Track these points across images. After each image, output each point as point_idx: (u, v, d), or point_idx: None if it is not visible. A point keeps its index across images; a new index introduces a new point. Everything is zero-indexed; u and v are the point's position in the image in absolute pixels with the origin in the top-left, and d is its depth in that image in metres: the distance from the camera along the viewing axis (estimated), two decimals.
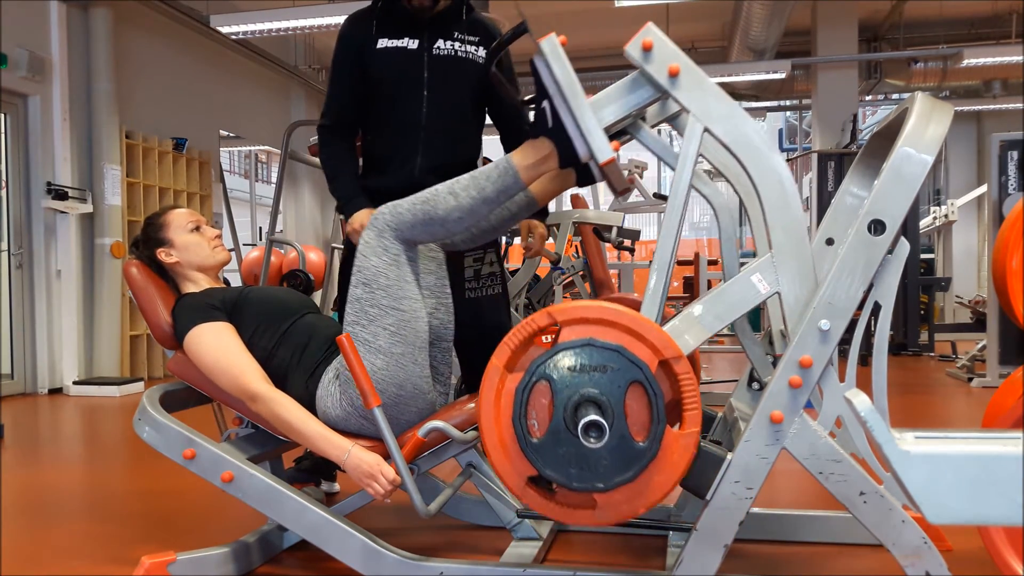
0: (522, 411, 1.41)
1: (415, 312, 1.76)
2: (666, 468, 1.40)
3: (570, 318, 1.43)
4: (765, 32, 8.01)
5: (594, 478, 1.39)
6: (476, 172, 1.75)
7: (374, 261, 1.74)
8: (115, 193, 5.95)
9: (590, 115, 1.51)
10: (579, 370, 1.39)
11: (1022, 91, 9.41)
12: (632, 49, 1.50)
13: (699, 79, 1.51)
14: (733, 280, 1.53)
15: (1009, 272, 2.01)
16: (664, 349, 1.41)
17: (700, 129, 1.51)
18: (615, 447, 1.38)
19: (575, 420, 1.37)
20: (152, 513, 2.48)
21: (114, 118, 5.96)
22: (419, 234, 1.75)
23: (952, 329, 7.57)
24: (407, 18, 2.20)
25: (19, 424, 4.32)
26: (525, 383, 1.41)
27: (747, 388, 2.00)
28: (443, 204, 1.72)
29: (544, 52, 1.52)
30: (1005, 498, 1.11)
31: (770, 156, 1.50)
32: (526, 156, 1.70)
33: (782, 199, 1.50)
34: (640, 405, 1.40)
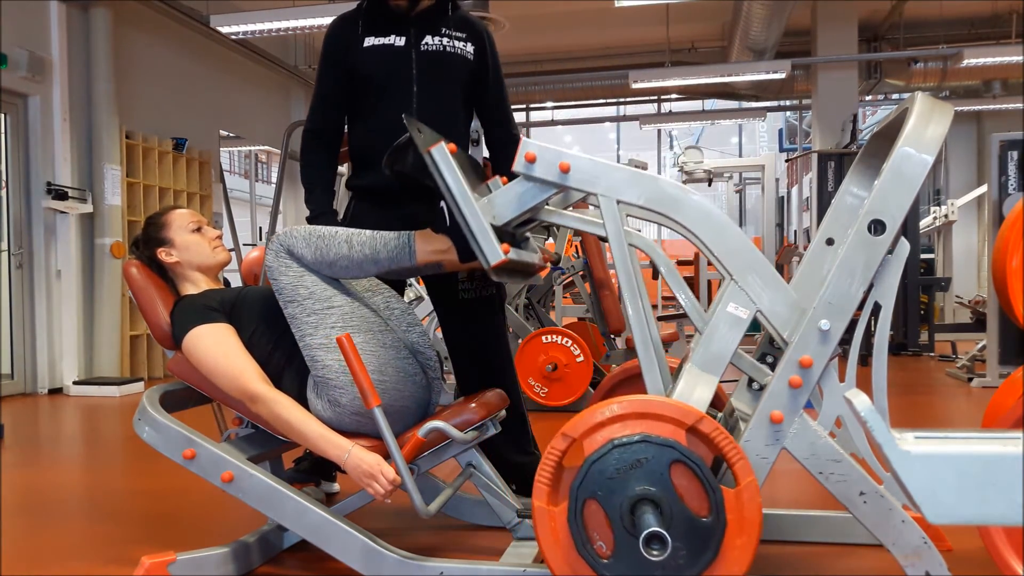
0: (583, 538, 1.38)
1: (352, 303, 1.80)
2: (743, 529, 1.37)
3: (585, 429, 1.42)
4: (765, 32, 8.01)
5: (681, 571, 1.36)
6: (379, 233, 1.81)
7: (284, 280, 1.78)
8: (115, 193, 5.95)
9: (479, 220, 1.56)
10: (618, 474, 1.37)
11: (1022, 91, 9.40)
12: (518, 167, 1.57)
13: (591, 164, 1.57)
14: (713, 321, 1.55)
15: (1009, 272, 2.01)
16: (684, 418, 1.39)
17: (614, 203, 1.57)
18: (686, 532, 1.35)
19: (635, 524, 1.34)
20: (152, 513, 2.48)
21: (114, 118, 5.96)
22: (307, 263, 1.80)
23: (952, 329, 7.57)
24: (393, 16, 2.21)
25: (19, 424, 4.32)
26: (573, 511, 1.38)
27: (747, 388, 2.00)
28: (335, 249, 1.78)
29: (435, 161, 1.58)
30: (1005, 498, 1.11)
31: (686, 198, 1.55)
32: (427, 243, 1.80)
33: (715, 229, 1.54)
34: (689, 481, 1.37)
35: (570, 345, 3.99)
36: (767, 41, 8.27)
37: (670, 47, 9.11)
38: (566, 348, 4.00)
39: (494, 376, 2.27)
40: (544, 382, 4.02)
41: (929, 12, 8.89)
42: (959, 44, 8.74)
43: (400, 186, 2.22)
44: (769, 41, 8.28)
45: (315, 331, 1.75)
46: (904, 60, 9.10)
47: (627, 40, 9.80)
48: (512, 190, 1.62)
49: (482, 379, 2.24)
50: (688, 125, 15.05)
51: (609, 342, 4.76)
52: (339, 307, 1.77)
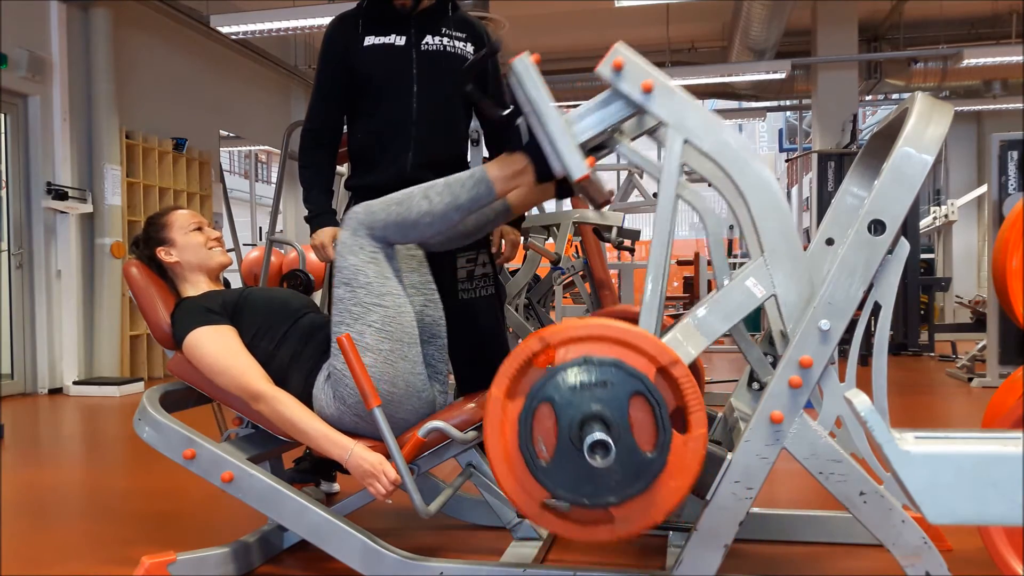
0: (528, 437, 1.40)
1: (399, 307, 1.76)
2: (679, 473, 1.40)
3: (563, 338, 1.43)
4: (765, 32, 8.01)
5: (607, 493, 1.38)
6: (451, 178, 1.76)
7: (352, 260, 1.75)
8: (115, 193, 5.95)
9: (563, 133, 1.52)
10: (579, 388, 1.39)
11: (1022, 91, 9.40)
12: (603, 69, 1.51)
13: (674, 93, 1.51)
14: (729, 287, 1.53)
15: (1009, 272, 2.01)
16: (660, 356, 1.40)
17: (680, 141, 1.52)
18: (624, 460, 1.37)
19: (581, 439, 1.36)
20: (152, 513, 2.48)
21: (114, 118, 5.96)
22: (391, 234, 1.76)
23: (952, 329, 7.57)
24: (393, 16, 2.21)
25: (19, 424, 4.32)
26: (527, 408, 1.40)
27: (747, 388, 2.00)
28: (416, 208, 1.73)
29: (516, 72, 1.53)
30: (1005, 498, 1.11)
31: (753, 162, 1.50)
32: (502, 169, 1.73)
33: (770, 203, 1.50)
34: (644, 416, 1.39)
35: None
36: (767, 41, 8.27)
37: (670, 47, 9.11)
38: None
39: (494, 376, 2.27)
40: None
41: (929, 12, 8.89)
42: (959, 44, 8.74)
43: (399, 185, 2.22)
44: (769, 41, 8.28)
45: (354, 322, 1.74)
46: (904, 60, 9.10)
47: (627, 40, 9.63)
48: (593, 105, 1.56)
49: (482, 379, 2.24)
50: None
51: None
52: (386, 308, 1.74)
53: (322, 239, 2.21)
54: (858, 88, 9.03)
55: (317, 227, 2.24)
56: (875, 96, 11.19)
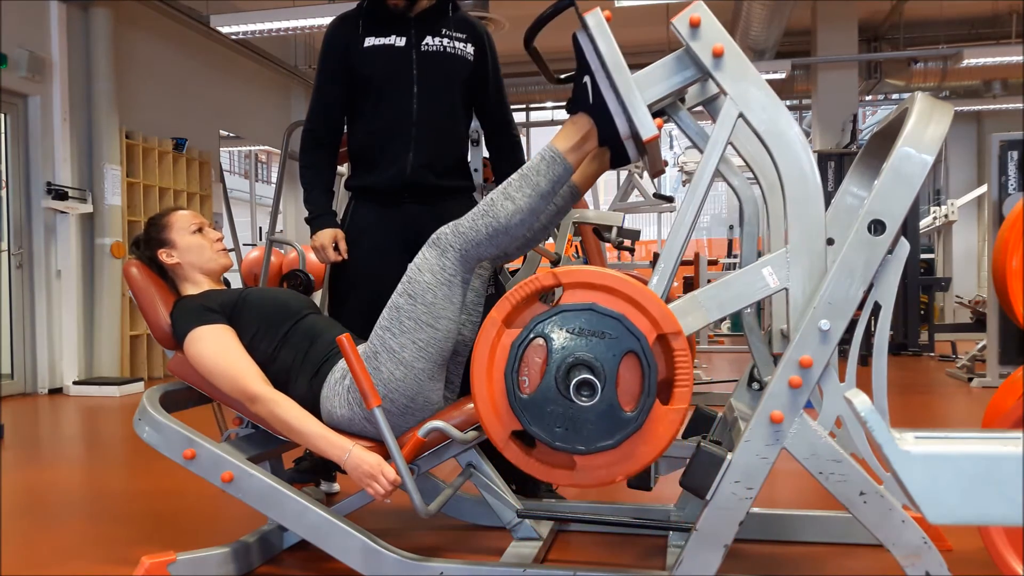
0: (515, 366, 1.42)
1: (448, 333, 1.75)
2: (650, 440, 1.42)
3: (575, 281, 1.45)
4: (765, 32, 8.01)
5: (577, 440, 1.41)
6: (523, 170, 1.72)
7: (427, 277, 1.72)
8: (115, 193, 5.95)
9: (635, 92, 1.49)
10: (577, 333, 1.41)
11: (1022, 91, 9.40)
12: (679, 24, 1.48)
13: (742, 63, 1.49)
14: (744, 270, 1.53)
15: (1009, 272, 2.01)
16: (664, 323, 1.42)
17: (735, 114, 1.49)
18: (602, 413, 1.40)
19: (566, 381, 1.39)
20: (152, 513, 2.48)
21: (114, 118, 5.96)
22: (485, 249, 1.72)
23: (952, 329, 7.57)
24: (393, 16, 2.21)
25: (19, 424, 4.32)
26: (522, 339, 1.42)
27: (747, 388, 2.00)
28: (503, 211, 1.68)
29: (589, 27, 1.49)
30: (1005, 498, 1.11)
31: (800, 152, 1.49)
32: (568, 137, 1.69)
33: (805, 196, 1.49)
34: (633, 376, 1.41)
35: None
36: (767, 41, 8.26)
37: (670, 47, 9.10)
38: None
39: None
40: None
41: (929, 12, 8.89)
42: (959, 44, 8.74)
43: (400, 186, 2.22)
44: (769, 41, 8.28)
45: (400, 334, 1.73)
46: (904, 60, 9.10)
47: (627, 40, 9.74)
48: (662, 66, 1.54)
49: None
50: None
51: None
52: (436, 331, 1.73)
53: (322, 240, 2.22)
54: (858, 88, 9.03)
55: (318, 228, 2.24)
56: (875, 96, 11.19)
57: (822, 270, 1.49)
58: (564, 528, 2.15)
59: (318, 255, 2.24)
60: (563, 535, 2.13)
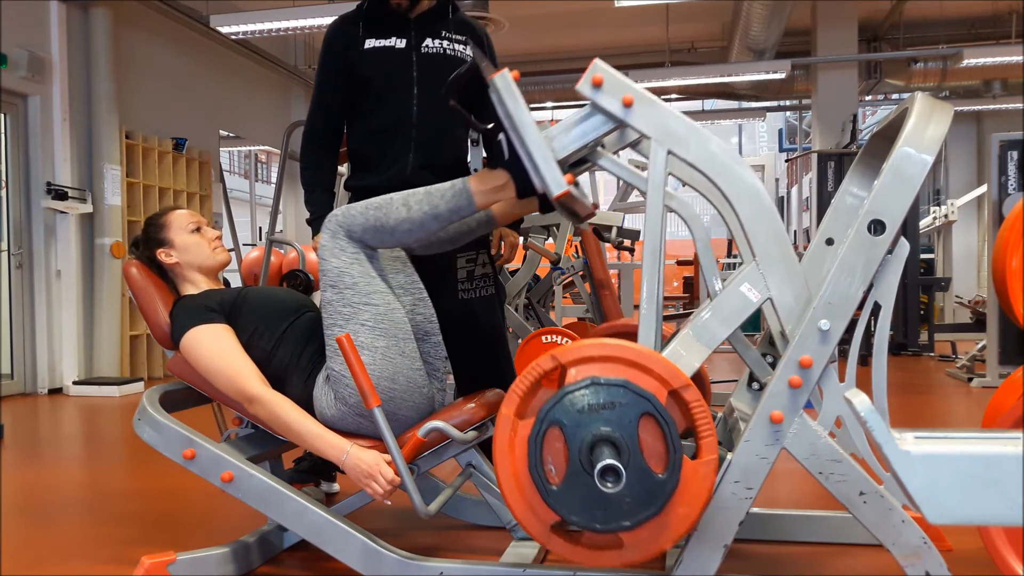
0: (537, 459, 1.38)
1: (389, 304, 1.77)
2: (688, 499, 1.38)
3: (573, 358, 1.42)
4: (765, 32, 8.01)
5: (619, 517, 1.36)
6: (433, 188, 1.78)
7: (335, 263, 1.76)
8: (115, 193, 5.95)
9: (543, 149, 1.53)
10: (588, 410, 1.37)
11: (1022, 91, 9.40)
12: (583, 87, 1.52)
13: (655, 105, 1.52)
14: (724, 293, 1.54)
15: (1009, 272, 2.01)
16: (671, 379, 1.39)
17: (664, 152, 1.52)
18: (636, 483, 1.35)
19: (591, 462, 1.35)
20: (152, 513, 2.48)
21: (114, 118, 5.96)
22: (369, 239, 1.77)
23: (952, 329, 7.57)
24: (394, 18, 2.22)
25: (19, 424, 4.32)
26: (536, 431, 1.38)
27: (747, 388, 2.00)
28: (395, 214, 1.75)
29: (497, 88, 1.54)
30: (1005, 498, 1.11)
31: (738, 169, 1.51)
32: (483, 183, 1.75)
33: (758, 208, 1.51)
34: (654, 437, 1.37)
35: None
36: (767, 41, 8.26)
37: (670, 47, 9.11)
38: None
39: (494, 376, 2.27)
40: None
41: (929, 12, 8.89)
42: (959, 44, 8.74)
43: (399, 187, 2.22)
44: (769, 41, 8.28)
45: (346, 323, 1.75)
46: (904, 60, 9.10)
47: (627, 40, 9.80)
48: (573, 121, 1.57)
49: (482, 379, 2.24)
50: None
51: None
52: (375, 306, 1.76)
53: None
54: (858, 88, 9.03)
55: (319, 229, 2.24)
56: (875, 96, 11.18)
57: (798, 271, 1.50)
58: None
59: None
60: None
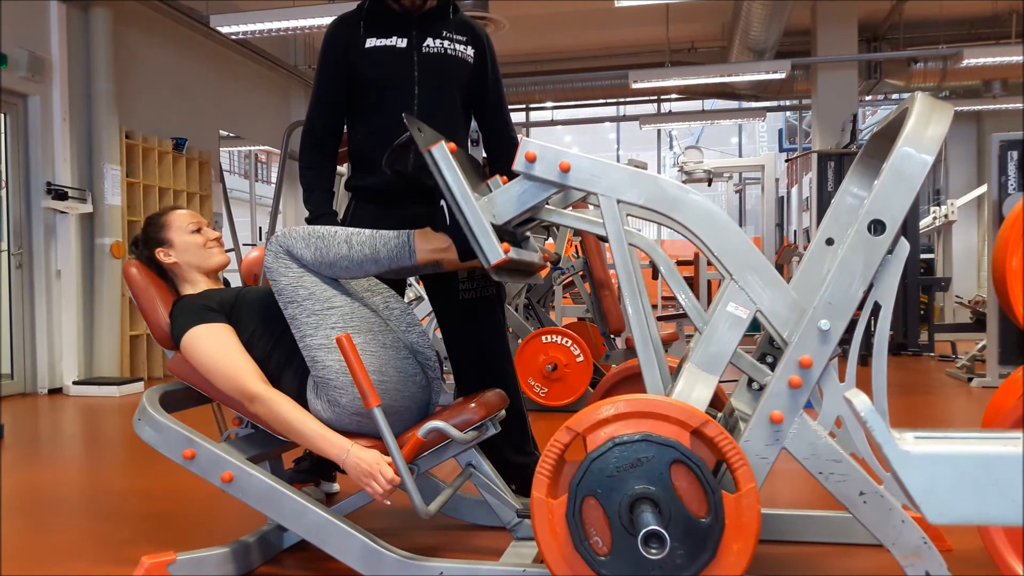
0: (580, 534, 1.38)
1: (351, 303, 1.80)
2: (741, 535, 1.38)
3: (590, 425, 1.42)
4: (765, 32, 8.01)
5: (678, 571, 1.36)
6: (379, 233, 1.80)
7: (284, 281, 1.78)
8: (115, 193, 5.95)
9: (479, 220, 1.55)
10: (618, 472, 1.37)
11: (1022, 91, 9.40)
12: (518, 166, 1.57)
13: (591, 163, 1.57)
14: (714, 319, 1.55)
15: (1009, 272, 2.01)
16: (690, 420, 1.39)
17: (614, 202, 1.57)
18: (682, 533, 1.35)
19: (633, 522, 1.34)
20: (152, 513, 2.48)
21: (114, 118, 5.96)
22: (307, 263, 1.79)
23: (952, 329, 7.57)
24: (395, 18, 2.22)
25: (19, 424, 4.32)
26: (572, 506, 1.38)
27: (747, 388, 2.00)
28: (335, 249, 1.77)
29: (435, 160, 1.57)
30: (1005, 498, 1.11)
31: (686, 197, 1.55)
32: (427, 242, 1.79)
33: (716, 228, 1.54)
34: (689, 482, 1.37)
35: (570, 345, 3.99)
36: (767, 41, 8.27)
37: (670, 47, 9.11)
38: (566, 348, 4.00)
39: (494, 376, 2.27)
40: (544, 382, 4.02)
41: (929, 12, 8.89)
42: (959, 44, 8.74)
43: (400, 186, 2.22)
44: (769, 41, 8.28)
45: (315, 332, 1.75)
46: (904, 60, 9.10)
47: (627, 40, 9.80)
48: (512, 190, 1.62)
49: (482, 379, 2.24)
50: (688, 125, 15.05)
51: (609, 342, 4.76)
52: (339, 307, 1.77)
53: None
54: (858, 88, 9.03)
55: None
56: (875, 96, 11.18)
57: (772, 273, 1.53)
58: None
59: None
60: None
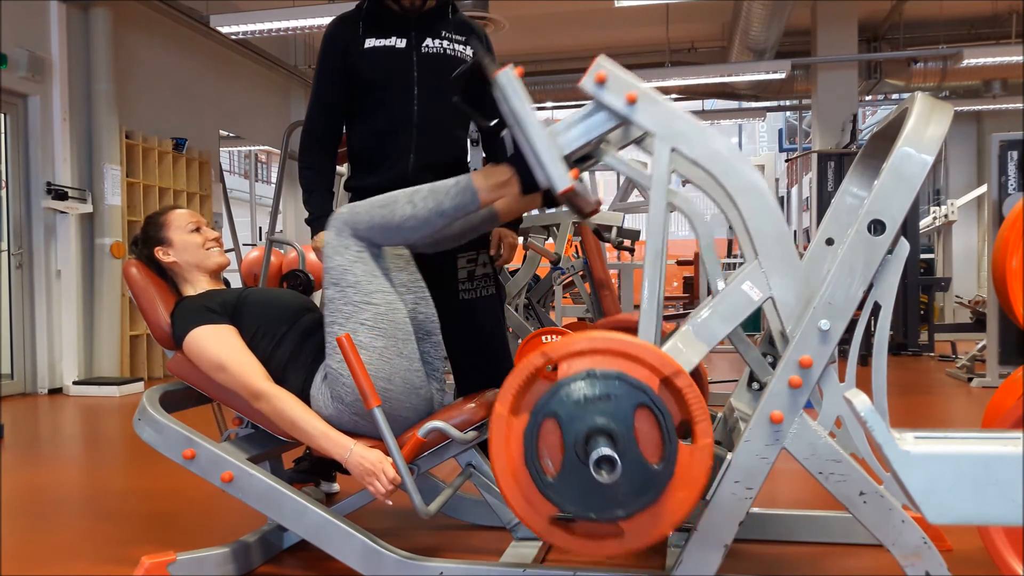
0: (533, 452, 1.39)
1: (390, 304, 1.77)
2: (686, 484, 1.39)
3: (566, 353, 1.42)
4: (765, 32, 8.01)
5: (615, 507, 1.37)
6: (437, 184, 1.77)
7: (338, 260, 1.77)
8: (115, 193, 5.95)
9: (547, 145, 1.53)
10: (583, 402, 1.38)
11: (1022, 91, 9.40)
12: (587, 83, 1.52)
13: (659, 103, 1.52)
14: (725, 291, 1.53)
15: (1009, 272, 2.01)
16: (662, 367, 1.40)
17: (668, 149, 1.52)
18: (631, 473, 1.36)
19: (587, 453, 1.36)
20: (152, 513, 2.48)
21: (114, 118, 5.96)
22: (375, 236, 1.77)
23: (952, 329, 7.57)
24: (394, 18, 2.21)
25: (19, 424, 4.32)
26: (532, 424, 1.39)
27: (747, 388, 2.00)
28: (399, 212, 1.74)
29: (501, 85, 1.54)
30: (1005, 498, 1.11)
31: (742, 167, 1.51)
32: (487, 179, 1.75)
33: (761, 206, 1.51)
34: (650, 427, 1.38)
35: None
36: (767, 41, 8.27)
37: (670, 47, 9.11)
38: None
39: (494, 376, 2.27)
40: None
41: (929, 12, 8.89)
42: (959, 44, 8.74)
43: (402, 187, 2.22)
44: (769, 41, 8.28)
45: (346, 322, 1.75)
46: (904, 60, 9.10)
47: (627, 40, 9.80)
48: (578, 117, 1.56)
49: (482, 379, 2.24)
50: None
51: None
52: (376, 305, 1.76)
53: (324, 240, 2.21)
54: (858, 88, 9.03)
55: (318, 229, 2.24)
56: (875, 96, 11.19)
57: (800, 270, 1.50)
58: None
59: (319, 255, 2.23)
60: None
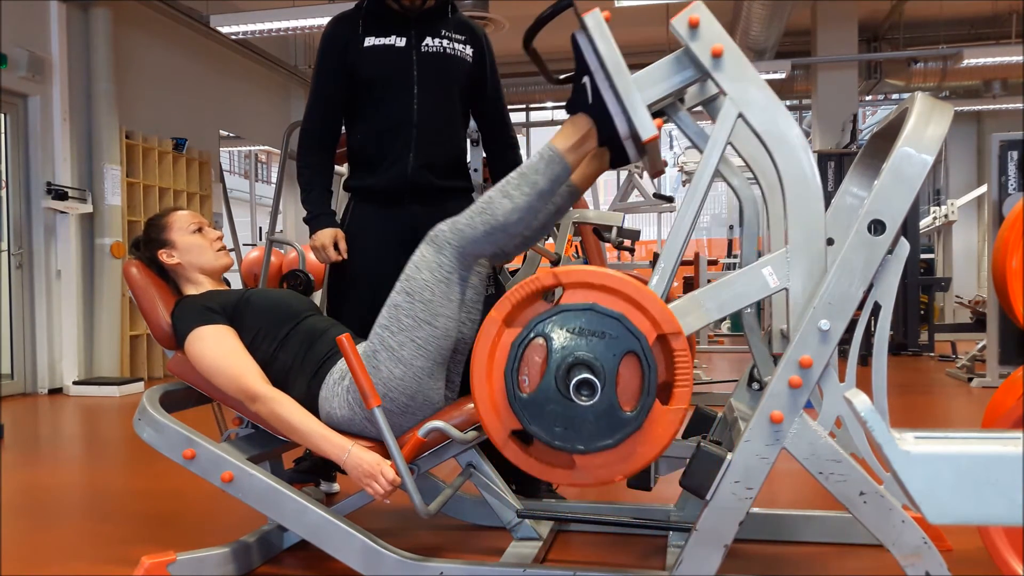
0: (515, 365, 1.43)
1: (447, 331, 1.75)
2: (649, 440, 1.43)
3: (575, 281, 1.45)
4: (765, 32, 8.01)
5: (577, 439, 1.41)
6: (523, 168, 1.72)
7: (425, 275, 1.72)
8: (115, 193, 5.95)
9: (635, 92, 1.49)
10: (578, 333, 1.41)
11: (1022, 91, 9.40)
12: (678, 24, 1.47)
13: (742, 64, 1.48)
14: (744, 270, 1.53)
15: (1009, 272, 2.01)
16: (664, 323, 1.42)
17: (735, 114, 1.49)
18: (602, 413, 1.40)
19: (566, 381, 1.39)
20: (152, 513, 2.48)
21: (114, 118, 5.96)
22: (483, 246, 1.72)
23: (952, 329, 7.57)
24: (394, 17, 2.21)
25: (19, 424, 4.32)
26: (522, 338, 1.43)
27: (747, 388, 2.00)
28: (500, 208, 1.68)
29: (588, 28, 1.49)
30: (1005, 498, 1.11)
31: (801, 153, 1.48)
32: (567, 137, 1.69)
33: (805, 196, 1.49)
34: (633, 375, 1.42)
35: None
36: (767, 41, 8.27)
37: (670, 47, 9.10)
38: None
39: None
40: None
41: (929, 12, 8.89)
42: (959, 44, 8.74)
43: (400, 187, 2.22)
44: (769, 41, 8.28)
45: (399, 332, 1.73)
46: (904, 60, 9.10)
47: (627, 40, 9.76)
48: (662, 67, 1.53)
49: None
50: None
51: None
52: (435, 328, 1.73)
53: (323, 240, 2.22)
54: (858, 88, 9.03)
55: (317, 228, 2.24)
56: (875, 96, 11.19)
57: (822, 270, 1.49)
58: (564, 528, 2.15)
59: (318, 255, 2.24)
60: (563, 535, 2.13)
